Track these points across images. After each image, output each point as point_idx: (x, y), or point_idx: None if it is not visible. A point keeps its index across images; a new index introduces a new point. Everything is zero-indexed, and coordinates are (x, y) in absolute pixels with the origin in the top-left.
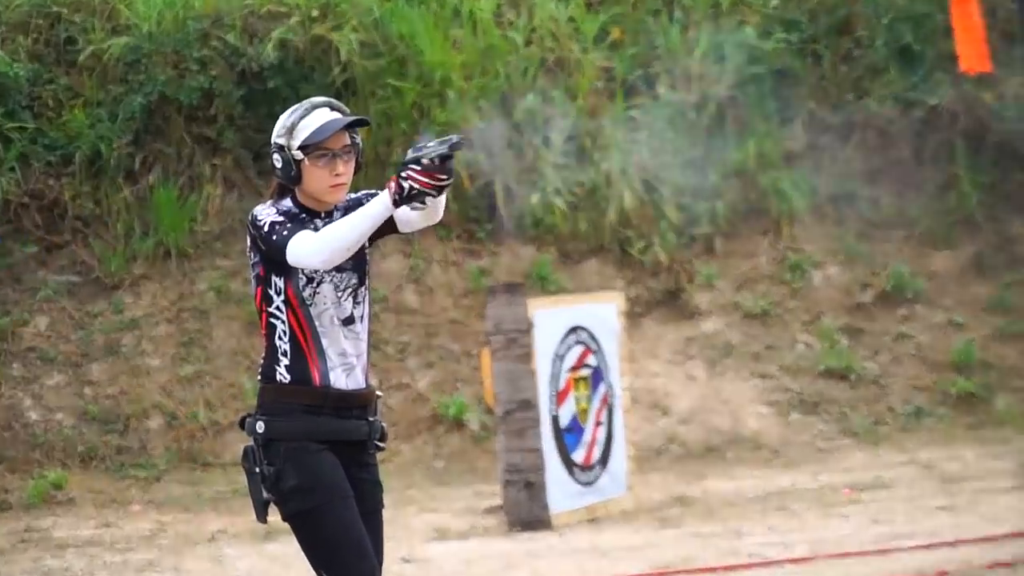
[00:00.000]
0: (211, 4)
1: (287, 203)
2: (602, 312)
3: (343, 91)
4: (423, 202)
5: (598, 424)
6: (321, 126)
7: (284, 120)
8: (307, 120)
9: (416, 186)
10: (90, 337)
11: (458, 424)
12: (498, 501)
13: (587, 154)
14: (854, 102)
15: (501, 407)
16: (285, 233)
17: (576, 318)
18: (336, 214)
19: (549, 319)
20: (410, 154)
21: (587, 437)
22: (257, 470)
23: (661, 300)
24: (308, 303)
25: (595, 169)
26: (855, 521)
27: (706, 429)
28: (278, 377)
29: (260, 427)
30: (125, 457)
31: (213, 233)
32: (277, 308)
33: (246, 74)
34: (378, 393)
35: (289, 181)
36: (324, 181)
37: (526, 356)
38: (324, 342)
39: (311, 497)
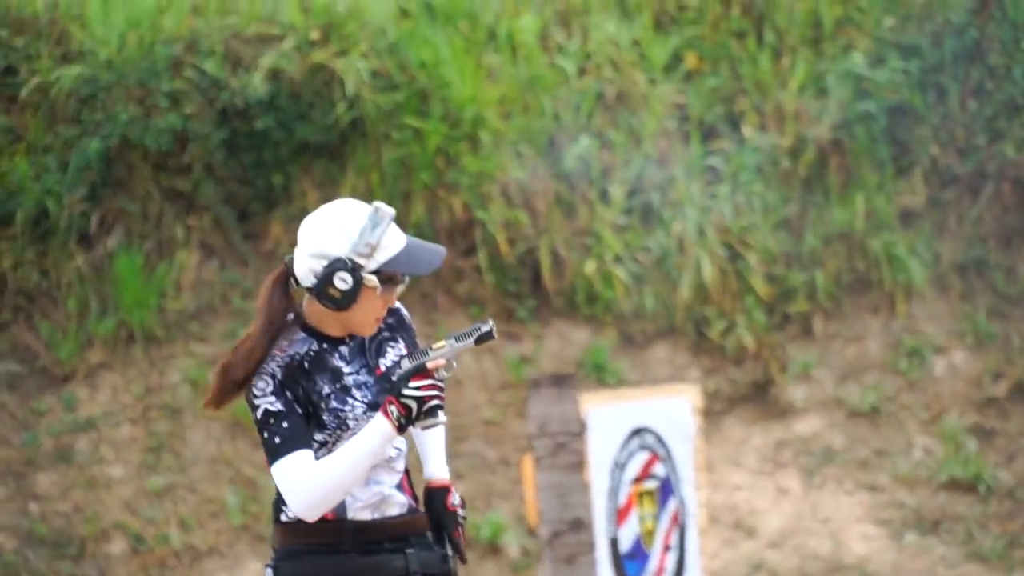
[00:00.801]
0: (185, 25)
1: (298, 340)
2: (673, 410)
3: (350, 133)
4: (435, 414)
5: (667, 548)
6: (410, 253)
7: (361, 232)
8: (388, 239)
9: (421, 395)
10: (36, 441)
11: (493, 549)
12: None
13: (655, 212)
14: (986, 147)
15: (547, 528)
16: (278, 441)
17: (640, 418)
18: (359, 338)
19: (607, 419)
20: (404, 366)
21: (653, 565)
22: None
23: (746, 395)
24: (329, 447)
25: (665, 231)
26: None
27: (801, 554)
28: (282, 516)
29: (268, 575)
30: None
31: (188, 312)
32: None
33: (228, 112)
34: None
35: (340, 308)
36: (375, 313)
37: (578, 465)
38: None
39: None
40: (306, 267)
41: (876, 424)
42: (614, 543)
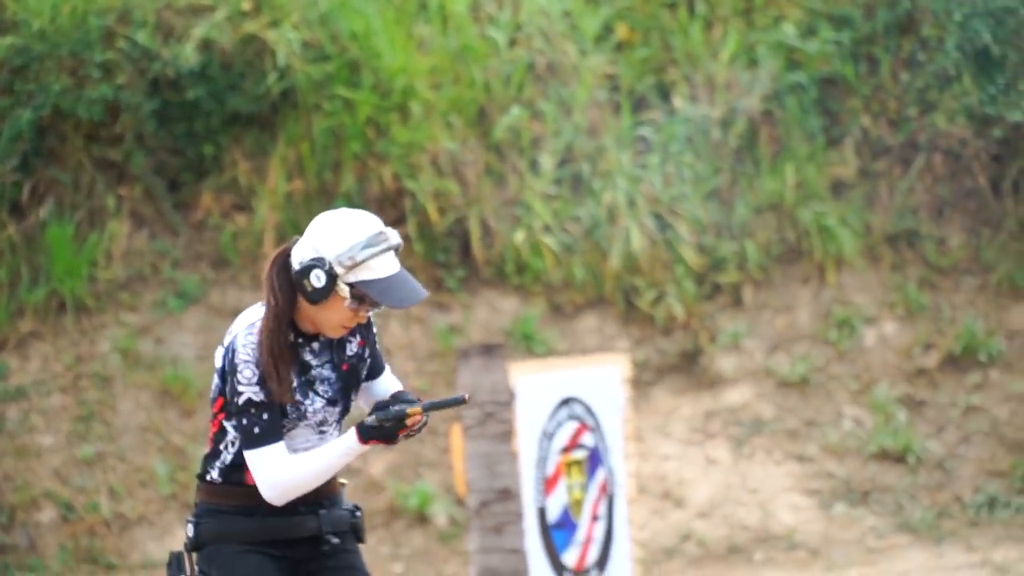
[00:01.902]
0: None
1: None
2: (602, 380)
3: (281, 103)
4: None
5: (595, 518)
6: (390, 283)
7: (350, 245)
8: (377, 261)
9: (402, 439)
10: None
11: (421, 518)
12: None
13: (585, 182)
14: (918, 118)
15: (475, 497)
16: (257, 431)
17: (570, 387)
18: (324, 338)
19: (535, 389)
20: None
21: (581, 535)
22: None
23: (676, 365)
24: (286, 431)
25: (595, 201)
26: None
27: (730, 524)
28: (208, 476)
29: (189, 530)
30: (10, 557)
31: (118, 281)
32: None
33: (160, 83)
34: (341, 481)
35: (310, 301)
36: (342, 320)
37: (506, 435)
38: None
39: None
40: (299, 254)
41: (805, 394)
42: (542, 513)
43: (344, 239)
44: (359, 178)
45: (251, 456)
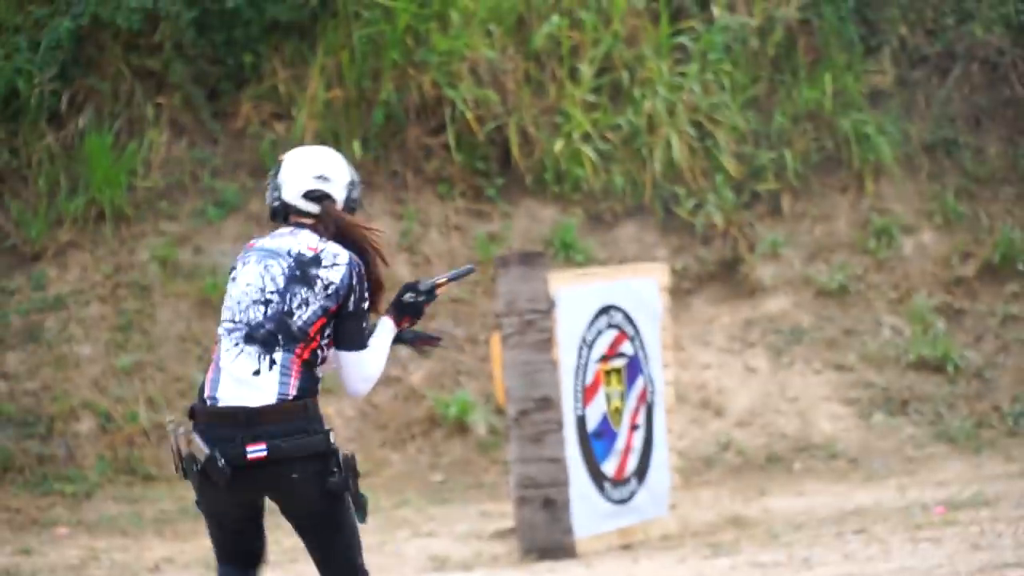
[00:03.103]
0: None
1: None
2: (641, 289)
3: (320, 11)
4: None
5: (634, 427)
6: None
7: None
8: None
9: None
10: (5, 319)
11: (461, 427)
12: (510, 523)
13: (624, 91)
14: (955, 27)
15: (514, 406)
16: (367, 331)
17: (609, 296)
18: None
19: (575, 297)
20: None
21: (621, 444)
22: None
23: (715, 274)
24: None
25: (634, 110)
26: (950, 547)
27: (768, 434)
28: (317, 395)
29: (332, 439)
30: (48, 468)
31: (157, 190)
32: (324, 346)
33: None
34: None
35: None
36: None
37: (546, 343)
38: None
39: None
40: (341, 184)
41: (844, 303)
42: (581, 421)
43: (341, 160)
44: (398, 87)
45: (362, 354)
